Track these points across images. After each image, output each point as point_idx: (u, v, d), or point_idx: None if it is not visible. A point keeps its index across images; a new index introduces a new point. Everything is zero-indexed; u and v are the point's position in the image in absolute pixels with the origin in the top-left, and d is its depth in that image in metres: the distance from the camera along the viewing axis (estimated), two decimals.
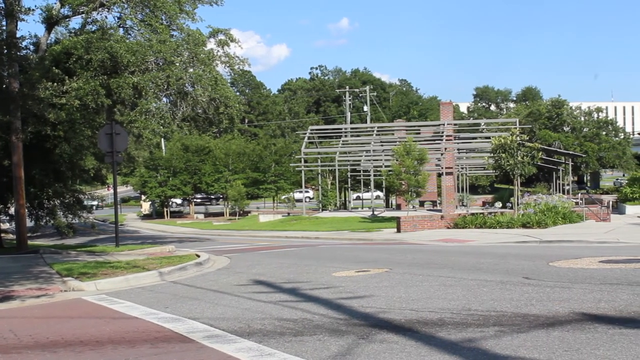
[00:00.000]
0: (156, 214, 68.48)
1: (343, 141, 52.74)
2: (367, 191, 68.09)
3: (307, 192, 73.03)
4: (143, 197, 72.22)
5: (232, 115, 28.02)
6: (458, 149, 48.90)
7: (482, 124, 65.35)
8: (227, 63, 27.08)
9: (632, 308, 7.44)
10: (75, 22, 39.21)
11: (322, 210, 53.16)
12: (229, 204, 61.49)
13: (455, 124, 49.97)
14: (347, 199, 62.64)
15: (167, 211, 67.13)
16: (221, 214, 65.48)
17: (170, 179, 65.00)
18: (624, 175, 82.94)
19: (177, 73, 24.83)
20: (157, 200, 66.88)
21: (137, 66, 24.20)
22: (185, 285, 12.39)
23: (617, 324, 6.65)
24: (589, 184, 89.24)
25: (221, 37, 26.96)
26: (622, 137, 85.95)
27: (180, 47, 25.49)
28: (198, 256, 17.82)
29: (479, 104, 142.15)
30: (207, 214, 68.63)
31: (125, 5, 24.99)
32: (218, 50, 26.80)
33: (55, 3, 24.98)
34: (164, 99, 26.95)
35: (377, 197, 67.99)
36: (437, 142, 44.97)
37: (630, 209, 38.92)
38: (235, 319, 8.22)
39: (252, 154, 69.49)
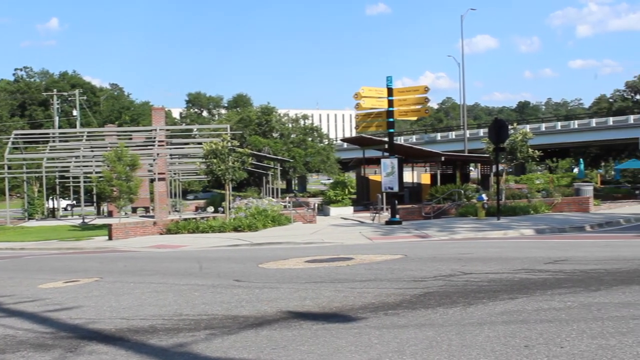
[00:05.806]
0: None
1: (51, 146, 50.07)
2: (75, 199, 65.42)
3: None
4: None
5: None
6: (171, 155, 48.81)
7: (195, 129, 65.95)
8: None
9: (334, 304, 7.90)
10: None
11: (29, 219, 50.04)
12: None
13: (167, 130, 49.72)
14: (55, 207, 59.71)
15: None
16: None
17: None
18: (328, 179, 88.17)
19: None
20: None
21: None
22: None
23: (321, 319, 7.02)
24: (296, 188, 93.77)
25: None
26: (326, 143, 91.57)
27: None
28: None
29: (192, 110, 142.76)
30: None
31: None
32: None
33: None
34: None
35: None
36: (149, 147, 44.46)
37: (333, 210, 41.34)
38: None
39: None
